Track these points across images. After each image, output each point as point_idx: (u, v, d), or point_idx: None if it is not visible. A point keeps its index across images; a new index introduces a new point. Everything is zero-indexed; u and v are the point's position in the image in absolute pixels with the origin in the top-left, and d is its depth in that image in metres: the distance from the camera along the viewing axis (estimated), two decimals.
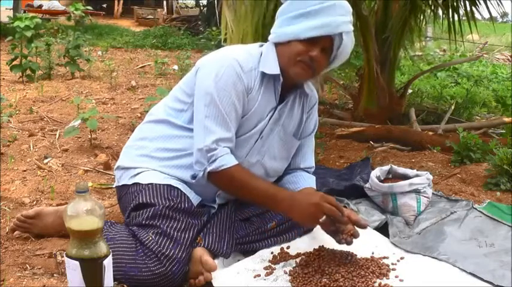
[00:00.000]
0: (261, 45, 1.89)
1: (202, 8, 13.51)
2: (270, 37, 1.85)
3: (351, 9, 1.79)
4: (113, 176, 2.54)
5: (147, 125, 1.96)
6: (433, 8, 4.37)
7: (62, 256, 1.63)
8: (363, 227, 1.77)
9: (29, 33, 5.16)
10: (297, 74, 1.80)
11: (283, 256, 1.84)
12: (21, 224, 1.96)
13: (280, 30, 1.79)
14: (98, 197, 2.46)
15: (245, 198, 1.84)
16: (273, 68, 1.80)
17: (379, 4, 4.29)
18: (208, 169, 1.72)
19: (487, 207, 2.35)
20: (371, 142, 3.64)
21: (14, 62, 5.35)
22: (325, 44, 1.75)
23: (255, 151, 1.87)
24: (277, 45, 1.82)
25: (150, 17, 15.48)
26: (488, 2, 4.16)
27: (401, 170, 2.46)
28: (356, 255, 1.79)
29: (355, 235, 1.74)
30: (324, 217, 1.67)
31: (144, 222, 1.71)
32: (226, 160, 1.72)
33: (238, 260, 1.84)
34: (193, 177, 1.81)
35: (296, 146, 2.00)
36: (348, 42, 1.78)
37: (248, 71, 1.78)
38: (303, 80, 1.88)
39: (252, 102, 1.81)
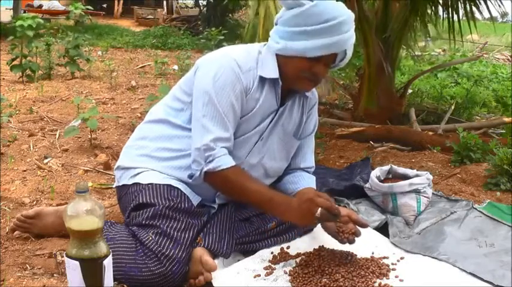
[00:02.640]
0: (263, 45, 1.88)
1: (202, 8, 13.50)
2: (270, 45, 1.82)
3: (353, 17, 1.77)
4: (113, 176, 2.54)
5: (147, 125, 1.96)
6: (433, 7, 4.38)
7: (62, 256, 1.63)
8: (364, 226, 1.77)
9: (31, 33, 5.16)
10: (300, 88, 1.85)
11: (283, 256, 1.84)
12: (21, 224, 1.96)
13: (284, 42, 1.76)
14: (98, 197, 2.46)
15: (241, 200, 1.83)
16: (272, 73, 1.79)
17: (379, 4, 4.29)
18: (205, 168, 1.72)
19: (487, 207, 2.35)
20: (371, 142, 3.64)
21: (14, 62, 5.36)
22: (329, 59, 1.77)
23: (255, 151, 1.87)
24: (278, 54, 1.80)
25: (150, 17, 15.48)
26: (488, 2, 4.16)
27: (401, 170, 2.46)
28: (356, 255, 1.79)
29: (357, 234, 1.74)
30: (319, 211, 1.60)
31: (144, 222, 1.71)
32: (223, 161, 1.71)
33: (238, 260, 1.84)
34: (190, 176, 1.80)
35: (296, 146, 2.00)
36: (350, 53, 1.79)
37: (247, 71, 1.78)
38: (306, 92, 1.91)
39: (251, 103, 1.80)
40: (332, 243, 1.80)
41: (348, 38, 1.73)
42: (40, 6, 12.62)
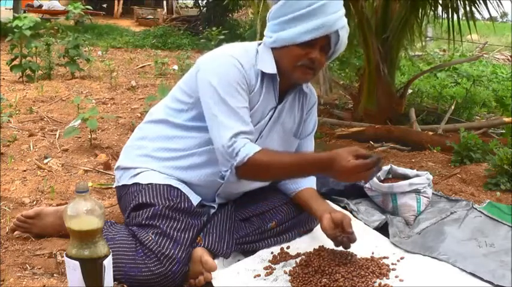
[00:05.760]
0: (259, 44, 1.88)
1: (202, 8, 13.49)
2: (264, 40, 1.83)
3: (341, 1, 1.78)
4: (113, 176, 2.54)
5: (147, 125, 1.96)
6: (433, 8, 4.38)
7: (62, 256, 1.63)
8: (352, 241, 1.76)
9: (28, 32, 5.16)
10: (299, 78, 1.80)
11: (283, 256, 1.84)
12: (21, 224, 1.96)
13: (275, 35, 1.77)
14: (98, 197, 2.46)
15: (284, 177, 1.87)
16: (270, 69, 1.79)
17: (379, 4, 4.29)
18: (235, 164, 1.67)
19: (487, 207, 2.35)
20: (371, 142, 3.64)
21: (14, 62, 5.36)
22: (323, 43, 1.75)
23: None
24: (273, 48, 1.80)
25: (150, 17, 15.46)
26: (487, 2, 4.16)
27: (401, 170, 2.46)
28: (356, 255, 1.79)
29: (351, 240, 1.74)
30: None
31: (144, 222, 1.71)
32: (247, 149, 1.66)
33: (238, 260, 1.84)
34: (222, 177, 1.75)
35: (295, 145, 2.00)
36: (344, 36, 1.78)
37: (248, 69, 1.78)
38: (305, 82, 1.89)
39: (254, 101, 1.80)
40: (332, 243, 1.80)
41: (337, 18, 1.72)
42: (40, 6, 12.62)
